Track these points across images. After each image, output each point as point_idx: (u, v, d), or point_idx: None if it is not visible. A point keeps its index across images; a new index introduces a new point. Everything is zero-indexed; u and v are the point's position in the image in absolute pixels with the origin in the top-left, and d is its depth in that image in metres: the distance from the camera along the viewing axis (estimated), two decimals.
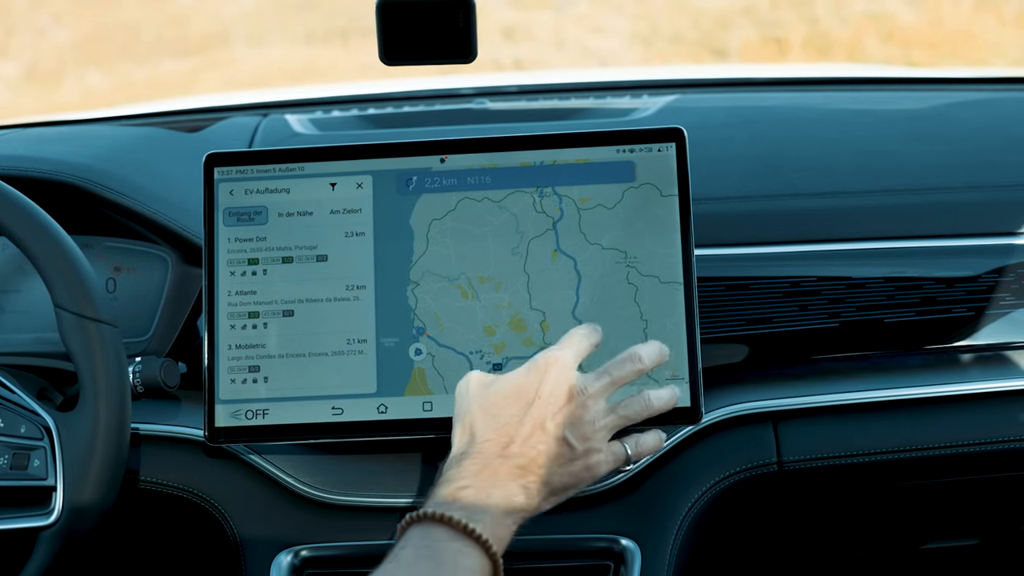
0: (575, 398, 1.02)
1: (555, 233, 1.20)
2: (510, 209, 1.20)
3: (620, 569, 1.18)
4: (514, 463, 0.98)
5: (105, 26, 6.61)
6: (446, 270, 1.20)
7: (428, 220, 1.21)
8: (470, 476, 0.96)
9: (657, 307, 1.18)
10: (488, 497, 0.95)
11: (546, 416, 1.00)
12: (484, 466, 0.97)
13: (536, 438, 0.99)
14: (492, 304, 1.19)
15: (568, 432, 1.01)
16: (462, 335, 1.19)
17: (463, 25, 1.18)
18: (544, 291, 1.19)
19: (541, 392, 1.01)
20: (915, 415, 1.28)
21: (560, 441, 1.01)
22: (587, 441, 1.03)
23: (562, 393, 1.01)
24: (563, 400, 1.01)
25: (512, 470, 0.98)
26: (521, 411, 1.00)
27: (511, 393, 1.01)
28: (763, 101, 1.69)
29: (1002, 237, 1.33)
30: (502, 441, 0.99)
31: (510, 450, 0.98)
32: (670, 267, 1.18)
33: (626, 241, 1.19)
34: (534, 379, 1.01)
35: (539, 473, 0.99)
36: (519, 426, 0.99)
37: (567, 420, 1.01)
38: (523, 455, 0.98)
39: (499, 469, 0.97)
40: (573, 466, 1.02)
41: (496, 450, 0.98)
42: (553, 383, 1.01)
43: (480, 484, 0.95)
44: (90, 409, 1.13)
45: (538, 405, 1.00)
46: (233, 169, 1.22)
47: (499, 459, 0.98)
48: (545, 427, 1.00)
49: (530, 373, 1.02)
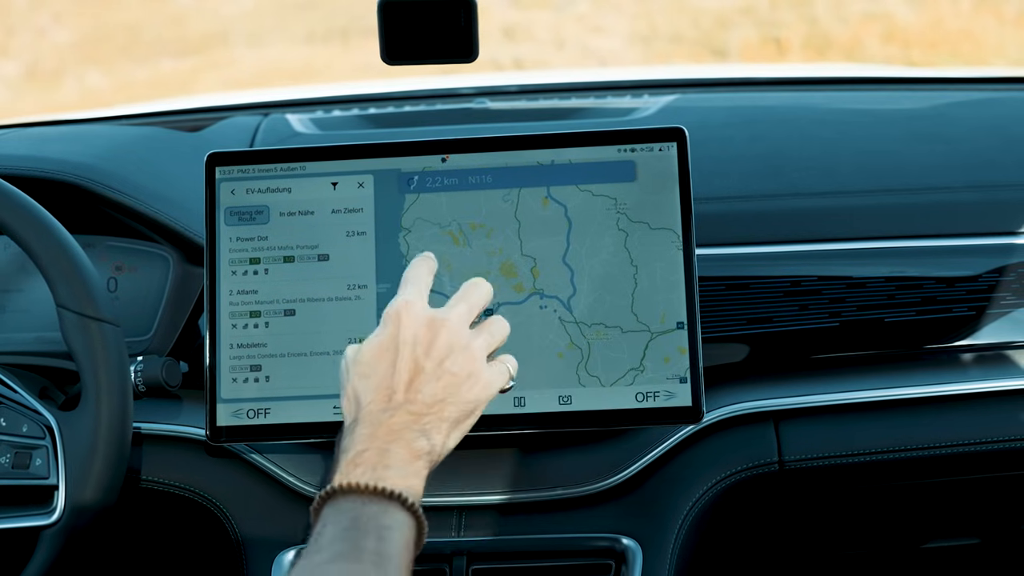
0: (439, 330, 1.02)
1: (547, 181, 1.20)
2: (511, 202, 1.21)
3: (621, 568, 1.18)
4: (404, 411, 0.98)
5: (105, 26, 6.61)
6: (437, 217, 1.20)
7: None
8: (365, 440, 0.96)
9: (647, 252, 1.18)
10: (388, 453, 0.94)
11: (418, 357, 1.00)
12: (375, 425, 0.96)
13: (417, 381, 0.99)
14: (483, 250, 1.20)
15: (447, 363, 1.01)
16: (454, 281, 1.19)
17: (465, 25, 1.18)
18: (535, 237, 1.19)
19: (403, 338, 1.00)
20: (915, 414, 1.29)
21: (440, 374, 1.00)
22: (467, 365, 1.02)
23: (424, 331, 1.01)
24: (428, 337, 1.01)
25: (404, 418, 0.97)
26: (392, 362, 1.00)
27: (377, 351, 1.01)
28: (764, 101, 1.69)
29: (1002, 237, 1.33)
30: (384, 396, 0.99)
31: (395, 400, 0.98)
32: (661, 216, 1.19)
33: (619, 190, 1.20)
34: (392, 330, 1.01)
35: (432, 411, 0.99)
36: (395, 376, 0.99)
37: (440, 353, 1.01)
38: (410, 401, 0.98)
39: (390, 422, 0.97)
40: (463, 392, 1.01)
41: (382, 406, 0.98)
42: (411, 326, 1.01)
43: (376, 444, 0.95)
44: (92, 408, 1.13)
45: (405, 351, 1.00)
46: (235, 168, 1.22)
47: (387, 413, 0.97)
48: (421, 367, 1.00)
49: (386, 327, 1.02)
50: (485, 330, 1.06)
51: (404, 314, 1.01)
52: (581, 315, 1.18)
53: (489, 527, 1.22)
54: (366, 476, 0.92)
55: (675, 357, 1.17)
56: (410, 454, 0.95)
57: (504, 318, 1.08)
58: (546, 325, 1.19)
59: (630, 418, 1.18)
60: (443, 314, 1.03)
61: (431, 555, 1.20)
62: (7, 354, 1.33)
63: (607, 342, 1.18)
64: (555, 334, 1.18)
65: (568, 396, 1.18)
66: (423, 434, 0.97)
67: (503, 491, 1.23)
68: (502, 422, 1.18)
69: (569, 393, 1.18)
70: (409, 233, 1.21)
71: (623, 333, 1.18)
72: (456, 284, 1.19)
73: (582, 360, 1.18)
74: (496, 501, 1.23)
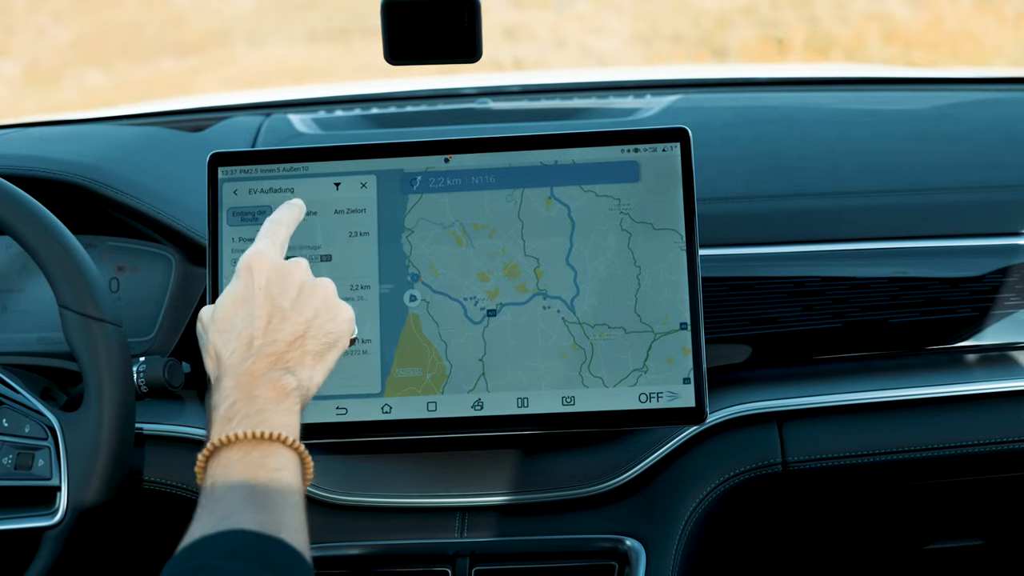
0: (291, 270, 1.03)
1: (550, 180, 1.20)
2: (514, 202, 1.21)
3: (625, 569, 1.18)
4: (264, 354, 0.97)
5: (104, 25, 6.61)
6: (440, 217, 1.20)
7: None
8: (231, 391, 0.95)
9: (650, 253, 1.18)
10: (256, 398, 0.94)
11: (274, 297, 1.00)
12: (238, 375, 0.96)
13: (274, 322, 0.99)
14: (486, 251, 1.20)
15: (302, 298, 1.01)
16: (456, 281, 1.19)
17: (468, 25, 1.18)
18: (538, 238, 1.19)
19: (255, 285, 1.00)
20: (919, 415, 1.29)
21: (298, 309, 1.01)
22: (321, 294, 1.03)
23: (275, 274, 1.02)
24: (280, 278, 1.02)
25: (265, 360, 0.97)
26: (249, 311, 1.00)
27: (232, 303, 1.01)
28: (767, 101, 1.69)
29: (1006, 237, 1.33)
30: (244, 344, 0.98)
31: (255, 346, 0.98)
32: (665, 216, 1.19)
33: (622, 191, 1.20)
34: (245, 280, 1.01)
35: (293, 348, 0.99)
36: (253, 323, 0.99)
37: (293, 290, 1.01)
38: (269, 343, 0.98)
39: (253, 369, 0.96)
40: (321, 323, 1.02)
41: (242, 354, 0.98)
42: (264, 273, 1.01)
43: (243, 393, 0.95)
44: (94, 409, 1.13)
45: (260, 296, 1.00)
46: (237, 169, 1.22)
47: (248, 361, 0.97)
48: (278, 307, 1.00)
49: (240, 278, 1.02)
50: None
51: (255, 263, 1.02)
52: (584, 316, 1.18)
53: (492, 528, 1.22)
54: (242, 426, 0.92)
55: (678, 358, 1.17)
56: (279, 394, 0.95)
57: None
58: (549, 326, 1.18)
59: (634, 419, 1.18)
60: (290, 260, 1.04)
61: (434, 556, 1.20)
62: (9, 355, 1.33)
63: (610, 343, 1.18)
64: (558, 335, 1.18)
65: (571, 397, 1.18)
66: (287, 371, 0.97)
67: (506, 492, 1.23)
68: (505, 423, 1.18)
69: (572, 394, 1.18)
70: (412, 234, 1.20)
71: (626, 334, 1.18)
72: (458, 284, 1.19)
73: (585, 361, 1.18)
74: (499, 502, 1.22)
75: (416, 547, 1.21)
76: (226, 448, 0.91)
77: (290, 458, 0.92)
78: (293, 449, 0.93)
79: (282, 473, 0.90)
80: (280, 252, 1.05)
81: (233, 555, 0.84)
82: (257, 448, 0.91)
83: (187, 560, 0.84)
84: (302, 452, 0.93)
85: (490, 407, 1.18)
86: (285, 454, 0.92)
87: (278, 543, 0.85)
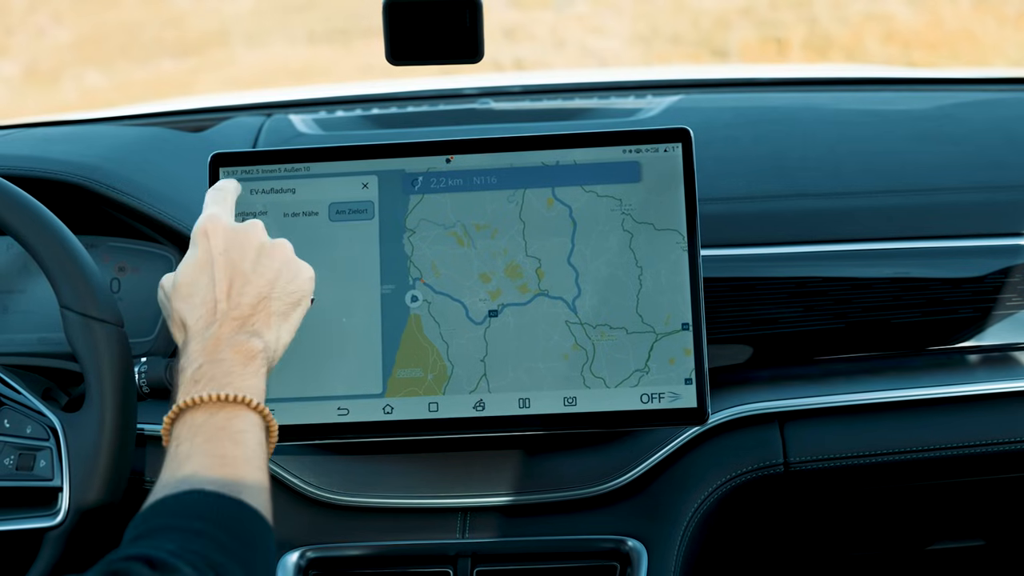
0: (248, 233, 1.04)
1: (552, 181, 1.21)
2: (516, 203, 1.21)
3: (627, 570, 1.18)
4: (230, 318, 0.99)
5: (104, 26, 6.61)
6: (442, 218, 1.20)
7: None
8: (198, 355, 0.97)
9: (652, 253, 1.18)
10: (222, 361, 0.96)
11: (235, 261, 1.01)
12: (204, 340, 0.98)
13: (237, 284, 1.01)
14: (488, 251, 1.20)
15: (263, 259, 1.03)
16: (458, 282, 1.19)
17: (470, 25, 1.18)
18: (539, 238, 1.19)
19: (215, 251, 1.02)
20: (921, 416, 1.29)
21: (260, 271, 1.02)
22: (281, 255, 1.04)
23: (233, 236, 1.03)
24: (239, 240, 1.03)
25: (231, 324, 0.98)
26: (210, 276, 1.01)
27: (193, 270, 1.02)
28: (768, 101, 1.69)
29: (1008, 238, 1.33)
30: (209, 309, 1.00)
31: (219, 311, 0.99)
32: (666, 216, 1.19)
33: (624, 191, 1.20)
34: (204, 246, 1.02)
35: (257, 310, 1.00)
36: (215, 288, 1.00)
37: (254, 252, 1.03)
38: (233, 307, 0.99)
39: (218, 333, 0.98)
40: (284, 284, 1.03)
41: (208, 319, 0.99)
42: (221, 238, 1.02)
43: (209, 356, 0.96)
44: (96, 410, 1.12)
45: (220, 260, 1.01)
46: (238, 169, 1.22)
47: (215, 325, 0.98)
48: (240, 270, 1.01)
49: (197, 246, 1.03)
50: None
51: (211, 229, 1.03)
52: (586, 316, 1.18)
53: (494, 528, 1.22)
54: (208, 388, 0.94)
55: (680, 358, 1.17)
56: (244, 356, 0.97)
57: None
58: (551, 326, 1.18)
59: (635, 419, 1.18)
60: (246, 222, 1.05)
61: (435, 556, 1.20)
62: (10, 355, 1.33)
63: (612, 343, 1.18)
64: (560, 335, 1.18)
65: (573, 397, 1.18)
66: (254, 334, 0.99)
67: (508, 492, 1.22)
68: (507, 423, 1.18)
69: (574, 394, 1.18)
70: (413, 234, 1.20)
71: (628, 334, 1.18)
72: (459, 285, 1.19)
73: (587, 361, 1.18)
74: (501, 502, 1.22)
75: (417, 548, 1.21)
76: (191, 410, 0.93)
77: (254, 421, 0.94)
78: (258, 412, 0.94)
79: (246, 435, 0.92)
80: (232, 216, 1.07)
81: (193, 516, 0.85)
82: (222, 410, 0.93)
83: (148, 520, 0.86)
84: (267, 415, 0.95)
85: (492, 408, 1.18)
86: (250, 417, 0.94)
87: (239, 504, 0.87)
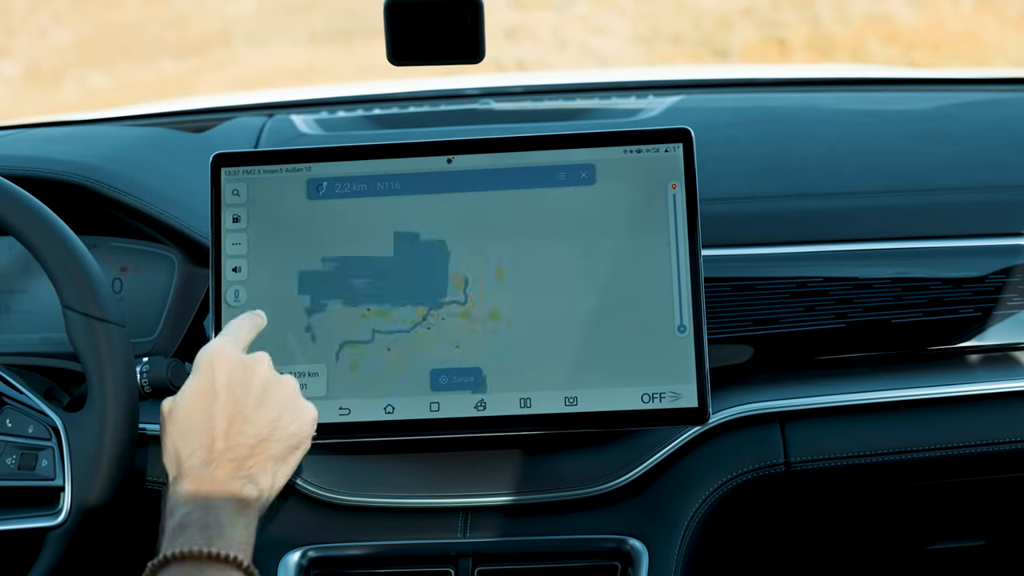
0: (255, 368, 1.02)
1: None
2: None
3: (628, 570, 1.18)
4: (226, 459, 0.97)
5: (105, 26, 6.61)
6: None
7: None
8: (189, 498, 0.94)
9: (653, 253, 1.17)
10: (213, 509, 0.93)
11: (238, 397, 0.99)
12: (199, 481, 0.95)
13: (237, 423, 0.98)
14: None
15: (267, 398, 1.01)
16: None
17: (471, 25, 1.18)
18: (541, 238, 1.19)
19: (218, 383, 1.00)
20: (922, 416, 1.28)
21: (262, 411, 1.00)
22: (285, 396, 1.02)
23: (239, 372, 1.01)
24: (245, 377, 1.01)
25: (227, 467, 0.96)
26: (209, 410, 0.99)
27: (193, 400, 1.00)
28: (769, 102, 1.69)
29: (1009, 238, 1.33)
30: (206, 446, 0.97)
31: (216, 450, 0.97)
32: (666, 217, 1.18)
33: (624, 190, 1.19)
34: (207, 375, 1.00)
35: (255, 452, 0.98)
36: (214, 423, 0.98)
37: (258, 389, 1.01)
38: (231, 447, 0.97)
39: (214, 475, 0.95)
40: (286, 426, 1.01)
41: (204, 457, 0.97)
42: (226, 371, 1.00)
43: (201, 501, 0.94)
44: (98, 409, 1.12)
45: (222, 396, 0.99)
46: (240, 169, 1.22)
47: (210, 466, 0.96)
48: (241, 408, 0.99)
49: (200, 373, 1.01)
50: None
51: (217, 359, 1.01)
52: (588, 316, 1.18)
53: (495, 528, 1.22)
54: (196, 540, 0.91)
55: (681, 358, 1.17)
56: (238, 506, 0.94)
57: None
58: (553, 326, 1.18)
59: (636, 419, 1.18)
60: (252, 355, 1.03)
61: (436, 556, 1.20)
62: (12, 355, 1.33)
63: (613, 343, 1.18)
64: (561, 335, 1.18)
65: (574, 397, 1.18)
66: (249, 480, 0.96)
67: (509, 492, 1.22)
68: (508, 423, 1.18)
69: (575, 394, 1.18)
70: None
71: (629, 334, 1.18)
72: (459, 284, 1.19)
73: (588, 361, 1.18)
74: (502, 502, 1.22)
75: (419, 547, 1.21)
76: (178, 562, 0.90)
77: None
78: (246, 573, 0.92)
79: None
80: (242, 349, 1.04)
81: None
82: (210, 567, 0.90)
83: None
84: (252, 571, 0.92)
85: (493, 407, 1.18)
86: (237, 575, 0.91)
87: None
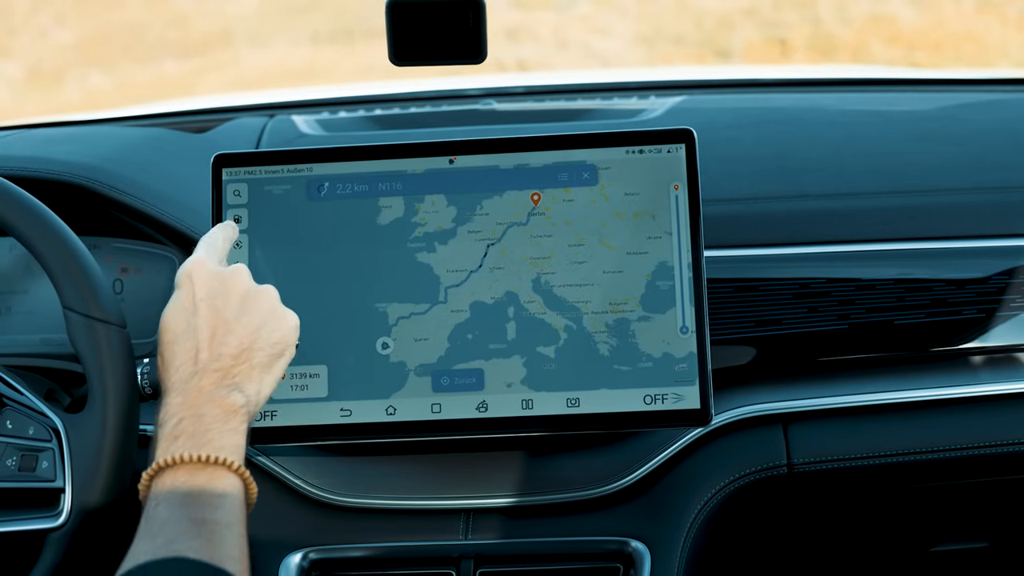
0: (233, 279, 1.02)
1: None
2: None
3: (630, 572, 1.18)
4: (211, 369, 0.97)
5: (107, 27, 6.62)
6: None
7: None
8: (178, 408, 0.95)
9: (655, 254, 1.18)
10: (203, 416, 0.94)
11: (218, 308, 1.00)
12: (186, 393, 0.96)
13: (219, 334, 0.99)
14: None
15: (247, 307, 1.01)
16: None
17: (473, 25, 1.18)
18: (543, 238, 1.19)
19: (198, 297, 1.00)
20: (925, 417, 1.28)
21: (243, 320, 1.00)
22: (265, 304, 1.02)
23: (217, 284, 1.01)
24: (223, 288, 1.01)
25: (212, 377, 0.97)
26: (192, 323, 0.99)
27: (176, 315, 1.00)
28: (771, 102, 1.68)
29: (1012, 239, 1.33)
30: (191, 358, 0.98)
31: (201, 360, 0.97)
32: (669, 218, 1.18)
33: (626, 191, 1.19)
34: (187, 290, 1.01)
35: (239, 361, 0.98)
36: (198, 336, 0.98)
37: (237, 300, 1.01)
38: (215, 358, 0.98)
39: (200, 385, 0.96)
40: (268, 334, 1.01)
41: (190, 369, 0.97)
42: (205, 284, 1.01)
43: (190, 411, 0.95)
44: (98, 411, 1.12)
45: (203, 309, 0.99)
46: (241, 170, 1.22)
47: (197, 376, 0.97)
48: (223, 318, 0.99)
49: (181, 289, 1.01)
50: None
51: (196, 273, 1.01)
52: (590, 316, 1.18)
53: (497, 530, 1.21)
54: (187, 446, 0.92)
55: (683, 359, 1.17)
56: (225, 412, 0.95)
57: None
58: (555, 327, 1.18)
59: (638, 420, 1.17)
60: (231, 267, 1.03)
61: (438, 558, 1.20)
62: (13, 356, 1.33)
63: (615, 344, 1.17)
64: (563, 335, 1.18)
65: (576, 398, 1.17)
66: (235, 388, 0.97)
67: (511, 494, 1.22)
68: (510, 424, 1.18)
69: (577, 395, 1.17)
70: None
71: (631, 335, 1.17)
72: (462, 285, 1.19)
73: (590, 362, 1.17)
74: (504, 504, 1.22)
75: (420, 549, 1.21)
76: (171, 469, 0.92)
77: (234, 483, 0.92)
78: (237, 474, 0.93)
79: (225, 499, 0.91)
80: (220, 261, 1.05)
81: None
82: (203, 471, 0.91)
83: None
84: (246, 477, 0.93)
85: (494, 409, 1.17)
86: (229, 479, 0.92)
87: (219, 573, 0.86)
